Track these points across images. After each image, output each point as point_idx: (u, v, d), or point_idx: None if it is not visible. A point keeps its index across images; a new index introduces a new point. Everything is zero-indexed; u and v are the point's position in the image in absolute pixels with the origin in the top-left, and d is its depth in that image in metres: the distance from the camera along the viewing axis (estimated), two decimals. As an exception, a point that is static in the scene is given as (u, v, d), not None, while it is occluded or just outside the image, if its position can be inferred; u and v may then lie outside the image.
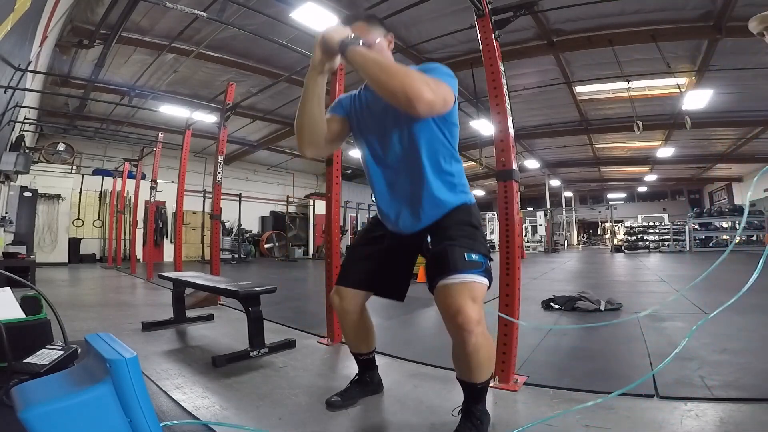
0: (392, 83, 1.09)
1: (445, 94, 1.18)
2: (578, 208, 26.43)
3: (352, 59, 1.16)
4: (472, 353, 1.21)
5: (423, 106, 1.09)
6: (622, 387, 1.71)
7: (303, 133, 1.32)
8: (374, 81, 1.14)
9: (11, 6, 2.87)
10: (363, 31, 1.33)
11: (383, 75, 1.11)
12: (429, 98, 1.09)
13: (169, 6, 3.34)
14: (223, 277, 3.37)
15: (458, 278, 1.22)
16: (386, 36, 1.42)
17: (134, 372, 0.80)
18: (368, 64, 1.14)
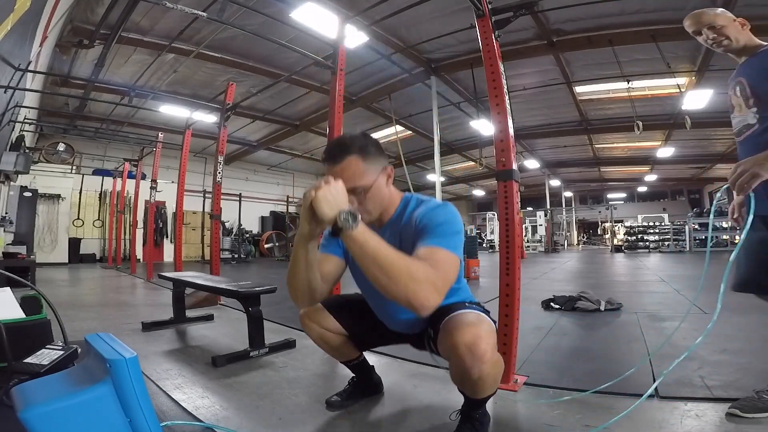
0: (394, 290, 0.96)
1: (451, 277, 1.05)
2: (578, 208, 26.42)
3: (347, 245, 1.00)
4: (478, 381, 1.14)
5: (427, 312, 0.97)
6: (622, 387, 1.72)
7: (296, 293, 1.20)
8: (372, 280, 0.98)
9: (11, 6, 2.87)
10: (357, 173, 1.15)
11: (384, 279, 0.96)
12: (434, 304, 0.97)
13: (169, 6, 3.34)
14: (223, 277, 3.37)
15: (463, 311, 1.21)
16: (385, 169, 1.23)
17: (134, 372, 0.80)
18: (366, 261, 0.97)
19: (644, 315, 3.26)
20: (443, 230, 1.11)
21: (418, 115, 11.04)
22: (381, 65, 8.22)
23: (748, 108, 1.37)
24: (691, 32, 1.51)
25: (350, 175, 1.14)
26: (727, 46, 1.45)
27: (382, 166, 1.22)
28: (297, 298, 1.22)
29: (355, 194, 1.16)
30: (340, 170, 1.14)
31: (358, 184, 1.15)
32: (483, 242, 20.00)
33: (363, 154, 1.16)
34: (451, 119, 11.56)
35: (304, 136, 13.37)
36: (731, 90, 1.47)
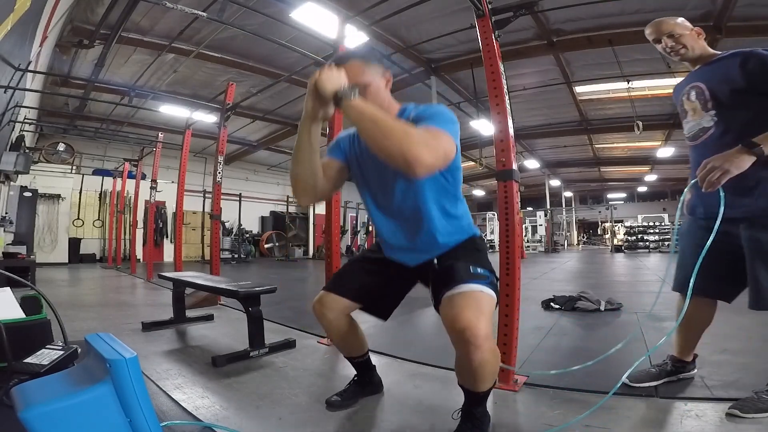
0: (389, 146, 1.02)
1: (445, 149, 1.11)
2: (578, 208, 26.42)
3: (347, 113, 1.10)
4: (477, 368, 1.17)
5: (422, 170, 1.03)
6: (622, 388, 1.72)
7: (297, 183, 1.25)
8: (370, 141, 1.07)
9: (11, 6, 2.87)
10: (358, 71, 1.25)
11: (379, 135, 1.04)
12: (428, 162, 1.03)
13: (169, 6, 3.34)
14: (223, 277, 3.37)
15: (464, 288, 1.21)
16: (384, 74, 1.33)
17: (134, 372, 0.80)
18: (364, 122, 1.07)
19: (644, 315, 3.26)
20: (438, 118, 1.18)
21: (418, 115, 11.02)
22: (381, 65, 8.22)
23: (706, 111, 1.44)
24: (651, 40, 1.59)
25: (352, 72, 1.23)
26: (684, 54, 1.52)
27: (382, 71, 1.32)
28: (300, 187, 1.26)
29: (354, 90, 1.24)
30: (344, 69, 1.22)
31: (359, 80, 1.23)
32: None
33: (365, 59, 1.29)
34: (451, 119, 11.55)
35: (304, 136, 13.35)
36: (684, 96, 1.54)
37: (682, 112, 1.57)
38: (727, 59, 1.41)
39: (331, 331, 1.52)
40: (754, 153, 1.21)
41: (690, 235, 1.58)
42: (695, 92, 1.48)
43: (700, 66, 1.52)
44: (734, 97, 1.36)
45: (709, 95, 1.42)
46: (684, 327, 1.65)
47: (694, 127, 1.50)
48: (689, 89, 1.52)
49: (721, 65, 1.43)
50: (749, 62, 1.33)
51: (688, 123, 1.53)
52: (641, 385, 1.69)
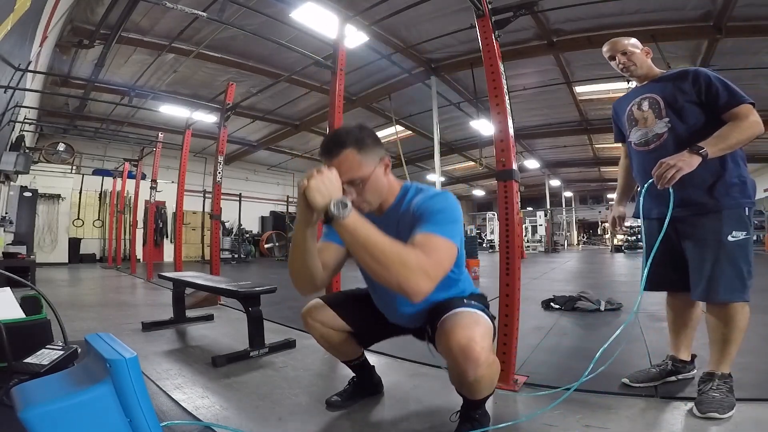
0: (385, 275, 0.97)
1: (445, 268, 1.04)
2: (578, 208, 26.41)
3: (340, 234, 1.01)
4: (474, 383, 1.17)
5: (419, 298, 0.98)
6: (622, 388, 1.72)
7: (296, 279, 1.20)
8: (365, 267, 1.00)
9: (11, 6, 2.87)
10: (353, 165, 1.15)
11: (374, 264, 0.97)
12: (426, 290, 0.97)
13: (169, 6, 3.34)
14: (223, 277, 3.37)
15: (460, 310, 1.20)
16: (382, 160, 1.23)
17: (134, 372, 0.80)
18: (357, 248, 0.99)
19: (644, 315, 3.26)
20: (440, 218, 1.11)
21: (418, 115, 11.03)
22: (381, 65, 8.22)
23: (659, 119, 1.59)
24: (607, 57, 1.78)
25: (347, 167, 1.14)
26: (633, 71, 1.71)
27: (379, 156, 1.22)
28: (298, 284, 1.22)
29: (354, 186, 1.17)
30: (337, 164, 1.14)
31: (355, 176, 1.15)
32: (483, 242, 20.01)
33: (359, 147, 1.16)
34: (451, 119, 11.56)
35: (304, 136, 13.37)
36: (634, 106, 1.70)
37: (630, 121, 1.72)
38: (678, 75, 1.58)
39: (321, 342, 1.52)
40: (700, 155, 1.39)
41: (648, 237, 1.72)
42: (648, 102, 1.64)
43: (648, 82, 1.69)
44: (686, 107, 1.54)
45: (663, 104, 1.58)
46: (672, 324, 1.80)
47: (644, 135, 1.65)
48: (640, 100, 1.67)
49: (672, 80, 1.59)
50: (699, 79, 1.51)
51: (638, 131, 1.68)
52: (641, 385, 1.71)
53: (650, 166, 1.50)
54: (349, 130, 1.19)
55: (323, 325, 1.47)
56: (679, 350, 1.76)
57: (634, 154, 1.72)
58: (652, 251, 1.58)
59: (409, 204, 1.24)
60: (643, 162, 1.64)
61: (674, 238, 1.61)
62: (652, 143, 1.61)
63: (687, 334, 1.76)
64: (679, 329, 1.77)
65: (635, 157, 1.71)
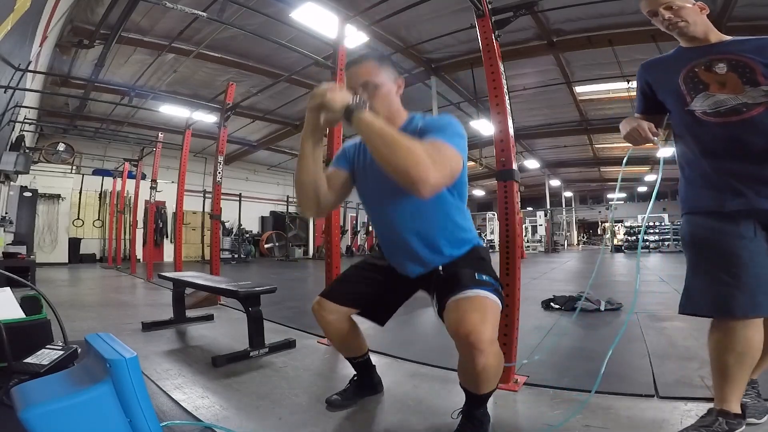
0: (396, 162, 1.02)
1: (452, 166, 1.10)
2: (578, 208, 26.42)
3: (356, 126, 1.10)
4: (481, 372, 1.17)
5: (427, 189, 1.02)
6: (622, 388, 1.72)
7: (302, 195, 1.26)
8: (377, 155, 1.06)
9: (11, 6, 2.87)
10: (372, 71, 1.28)
11: (386, 151, 1.03)
12: (434, 181, 1.02)
13: (169, 6, 3.34)
14: (223, 277, 3.37)
15: (469, 293, 1.20)
16: (396, 80, 1.35)
17: (134, 372, 0.80)
18: (372, 136, 1.06)
19: (644, 315, 3.26)
20: (446, 130, 1.18)
21: (418, 115, 11.04)
22: (381, 65, 8.22)
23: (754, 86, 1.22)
24: (646, 12, 1.43)
25: (365, 71, 1.28)
26: (683, 28, 1.35)
27: (395, 76, 1.35)
28: (304, 199, 1.28)
29: (367, 89, 1.27)
30: (357, 68, 1.30)
31: (371, 79, 1.27)
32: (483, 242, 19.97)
33: (379, 61, 1.32)
34: (451, 119, 11.56)
35: (304, 136, 13.37)
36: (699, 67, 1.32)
37: (695, 84, 1.32)
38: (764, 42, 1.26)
39: (330, 333, 1.51)
40: None
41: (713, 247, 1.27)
42: (726, 64, 1.27)
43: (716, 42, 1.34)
44: None
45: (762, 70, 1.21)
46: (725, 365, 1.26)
47: (723, 102, 1.26)
48: (709, 61, 1.30)
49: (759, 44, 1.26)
50: None
51: (709, 97, 1.29)
52: None
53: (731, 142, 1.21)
54: (375, 50, 1.33)
55: (330, 312, 1.47)
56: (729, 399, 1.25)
57: (693, 125, 1.33)
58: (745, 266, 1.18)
59: (415, 126, 1.29)
60: (716, 136, 1.27)
61: None
62: (739, 114, 1.23)
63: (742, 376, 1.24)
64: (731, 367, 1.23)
65: (696, 130, 1.32)
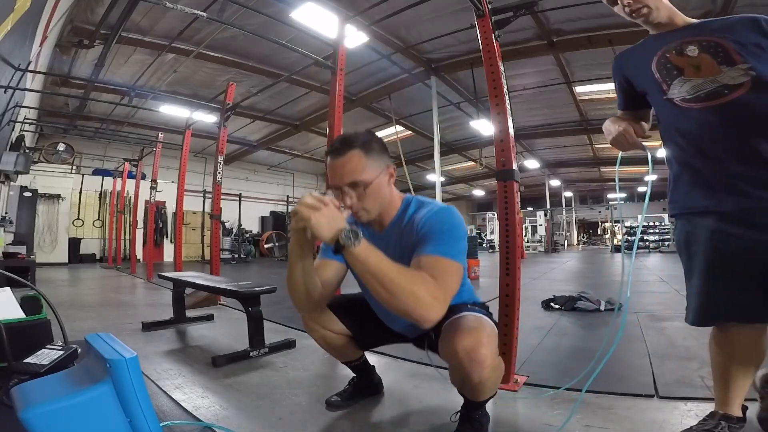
0: (396, 305, 0.97)
1: (454, 288, 1.06)
2: (578, 208, 26.42)
3: (349, 262, 1.00)
4: (478, 385, 1.15)
5: (429, 325, 1.00)
6: (622, 388, 1.72)
7: (295, 300, 1.20)
8: (374, 294, 1.00)
9: (11, 6, 2.87)
10: (358, 167, 1.14)
11: (385, 293, 0.97)
12: (436, 317, 0.99)
13: (169, 6, 3.34)
14: (223, 277, 3.37)
15: (471, 314, 1.20)
16: (387, 168, 1.22)
17: (134, 372, 0.80)
18: (367, 277, 0.98)
19: (644, 315, 3.26)
20: (446, 238, 1.10)
21: (418, 115, 11.03)
22: (381, 65, 8.22)
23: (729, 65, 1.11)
24: (606, 2, 1.33)
25: (352, 168, 1.14)
26: (646, 15, 1.25)
27: (385, 165, 1.21)
28: (298, 305, 1.23)
29: (355, 189, 1.15)
30: (342, 163, 1.14)
31: (358, 178, 1.14)
32: (483, 242, 20.00)
33: (366, 150, 1.16)
34: (451, 119, 11.56)
35: (304, 136, 13.37)
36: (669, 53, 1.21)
37: (668, 71, 1.21)
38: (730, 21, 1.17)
39: (321, 343, 1.51)
40: None
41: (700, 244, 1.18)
42: (698, 46, 1.16)
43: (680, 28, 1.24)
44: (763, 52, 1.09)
45: (735, 47, 1.11)
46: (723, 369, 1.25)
47: (702, 86, 1.15)
48: (680, 44, 1.19)
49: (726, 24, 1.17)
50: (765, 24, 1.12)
51: (686, 82, 1.17)
52: None
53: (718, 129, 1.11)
54: (358, 134, 1.19)
55: (323, 327, 1.46)
56: (731, 404, 1.23)
57: (674, 114, 1.22)
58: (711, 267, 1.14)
59: (411, 219, 1.22)
60: (702, 123, 1.15)
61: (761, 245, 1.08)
62: (721, 97, 1.11)
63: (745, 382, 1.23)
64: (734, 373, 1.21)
65: (678, 119, 1.21)
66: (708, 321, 1.20)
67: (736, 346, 1.19)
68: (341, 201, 1.14)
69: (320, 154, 14.86)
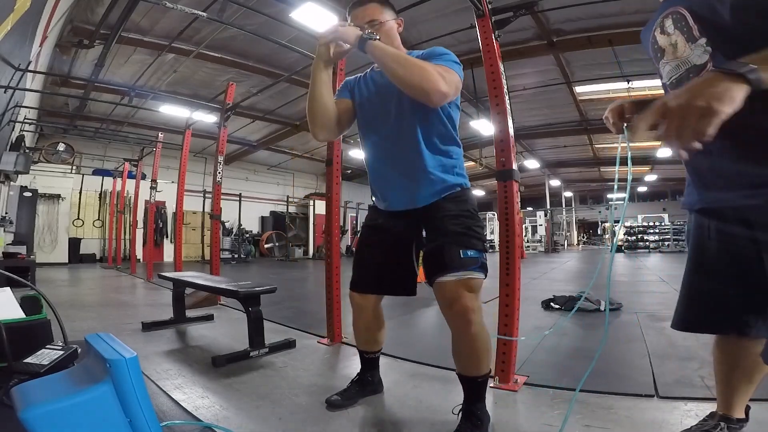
0: (410, 77, 1.19)
1: (456, 83, 1.28)
2: (578, 208, 26.43)
3: (371, 53, 1.25)
4: (471, 342, 1.28)
5: (438, 97, 1.20)
6: (622, 388, 1.72)
7: (315, 117, 1.40)
8: (392, 74, 1.23)
9: (11, 6, 2.87)
10: (376, 12, 1.42)
11: (401, 69, 1.21)
12: (444, 90, 1.20)
13: (169, 6, 3.34)
14: (223, 277, 3.37)
15: (455, 275, 1.27)
16: (396, 19, 1.49)
17: (134, 372, 0.80)
18: (387, 59, 1.23)
19: (644, 315, 3.26)
20: (447, 58, 1.35)
21: (418, 115, 11.04)
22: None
23: (693, 42, 0.95)
24: None
25: (371, 11, 1.43)
26: None
27: (395, 15, 1.49)
28: (318, 122, 1.41)
29: (373, 26, 1.41)
30: (363, 9, 1.43)
31: (376, 17, 1.42)
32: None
33: (381, 3, 1.46)
34: (451, 119, 11.56)
35: (304, 136, 13.36)
36: (656, 30, 1.07)
37: (656, 52, 1.09)
38: None
39: (361, 319, 1.58)
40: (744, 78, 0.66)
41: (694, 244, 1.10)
42: (672, 20, 1.01)
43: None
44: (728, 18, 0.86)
45: (692, 19, 0.95)
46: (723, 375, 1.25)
47: (676, 69, 1.00)
48: (662, 20, 1.04)
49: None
50: None
51: (666, 65, 1.05)
52: None
53: None
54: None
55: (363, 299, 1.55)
56: (733, 407, 1.21)
57: None
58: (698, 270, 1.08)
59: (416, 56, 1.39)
60: None
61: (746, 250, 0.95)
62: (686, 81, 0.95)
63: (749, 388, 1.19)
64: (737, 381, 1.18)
65: None
66: (687, 326, 1.12)
67: (740, 360, 1.13)
68: None
69: (320, 154, 14.86)
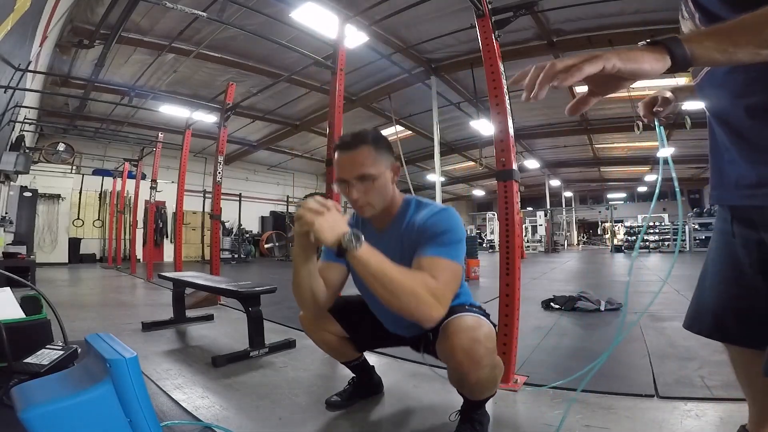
0: (398, 303, 0.99)
1: (454, 288, 1.08)
2: (578, 208, 26.41)
3: (351, 264, 1.02)
4: (476, 385, 1.17)
5: (431, 325, 1.02)
6: (622, 387, 1.72)
7: (303, 302, 1.22)
8: (377, 295, 1.01)
9: (11, 6, 2.87)
10: (367, 161, 1.17)
11: (387, 294, 0.99)
12: (437, 317, 1.01)
13: (169, 6, 3.34)
14: (223, 277, 3.37)
15: (468, 314, 1.20)
16: (392, 165, 1.25)
17: (134, 372, 0.80)
18: (369, 279, 1.00)
19: (644, 315, 3.26)
20: (445, 239, 1.12)
21: (418, 115, 11.04)
22: (381, 65, 8.22)
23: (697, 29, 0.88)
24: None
25: (362, 161, 1.17)
26: None
27: (391, 162, 1.24)
28: (303, 307, 1.26)
29: (363, 183, 1.18)
30: (352, 156, 1.17)
31: (368, 171, 1.17)
32: (483, 242, 20.01)
33: (376, 146, 1.20)
34: (451, 119, 11.56)
35: (304, 136, 13.38)
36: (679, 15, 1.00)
37: None
38: None
39: (319, 344, 1.54)
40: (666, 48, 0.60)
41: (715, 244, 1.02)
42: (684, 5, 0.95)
43: None
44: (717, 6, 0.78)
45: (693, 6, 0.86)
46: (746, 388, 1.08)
47: None
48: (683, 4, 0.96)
49: None
50: None
51: None
52: None
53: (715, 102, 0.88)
54: (368, 131, 1.23)
55: (321, 329, 1.49)
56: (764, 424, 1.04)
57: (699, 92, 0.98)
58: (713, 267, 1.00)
59: (412, 219, 1.24)
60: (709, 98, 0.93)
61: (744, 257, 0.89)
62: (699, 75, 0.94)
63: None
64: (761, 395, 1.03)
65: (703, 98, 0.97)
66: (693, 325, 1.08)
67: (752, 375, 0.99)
68: (347, 194, 1.19)
69: (320, 154, 14.86)
